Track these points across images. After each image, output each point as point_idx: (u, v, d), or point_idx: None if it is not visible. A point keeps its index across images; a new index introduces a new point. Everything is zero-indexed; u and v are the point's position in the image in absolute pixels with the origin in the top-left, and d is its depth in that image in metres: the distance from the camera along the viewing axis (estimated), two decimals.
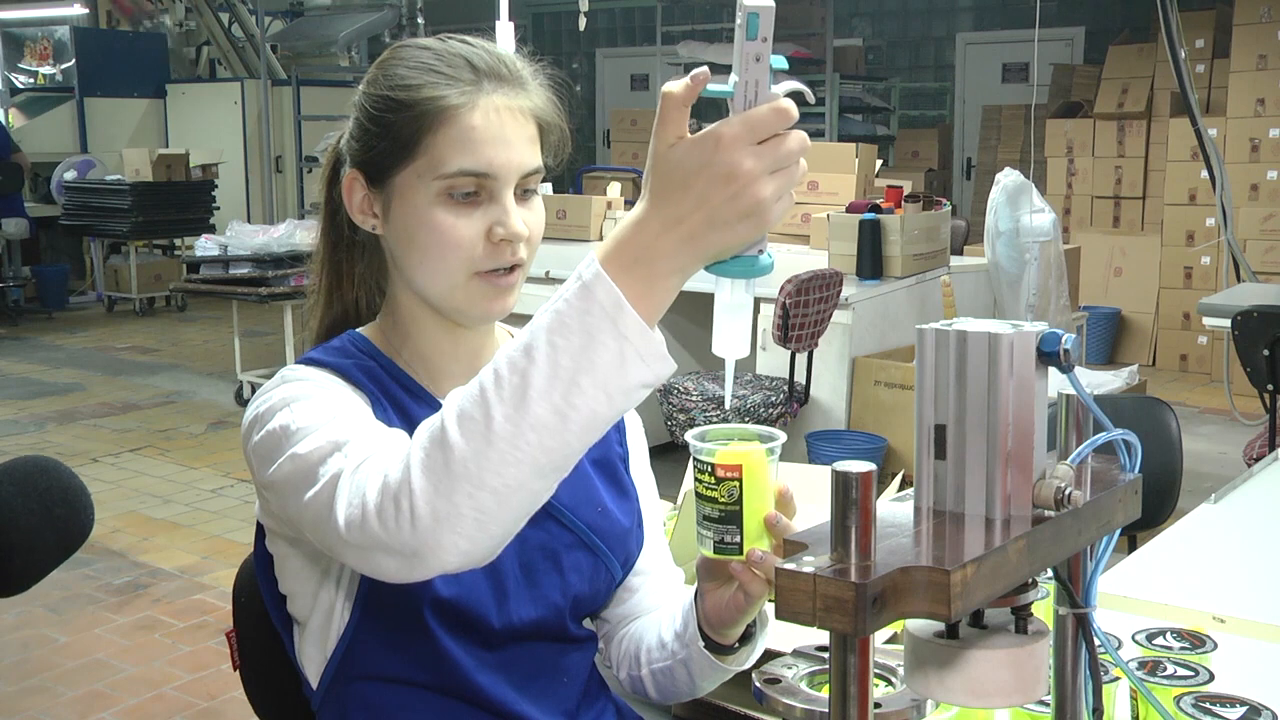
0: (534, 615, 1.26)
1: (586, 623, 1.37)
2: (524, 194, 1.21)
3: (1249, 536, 2.07)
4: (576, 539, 1.28)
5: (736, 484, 1.06)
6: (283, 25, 10.70)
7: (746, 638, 1.26)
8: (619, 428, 1.39)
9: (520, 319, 1.30)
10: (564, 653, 1.31)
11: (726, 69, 0.90)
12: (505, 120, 1.18)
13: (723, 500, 1.06)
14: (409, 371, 1.26)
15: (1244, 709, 1.19)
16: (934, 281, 5.32)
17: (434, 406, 1.24)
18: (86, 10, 11.81)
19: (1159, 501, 2.50)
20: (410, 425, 1.19)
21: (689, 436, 1.10)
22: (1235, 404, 5.84)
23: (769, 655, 1.29)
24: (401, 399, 1.24)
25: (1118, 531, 0.95)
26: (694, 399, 4.50)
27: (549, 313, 0.90)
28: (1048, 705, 0.99)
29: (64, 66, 10.94)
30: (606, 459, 1.36)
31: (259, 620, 1.43)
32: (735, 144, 0.86)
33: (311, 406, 1.13)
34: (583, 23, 6.45)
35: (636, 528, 1.36)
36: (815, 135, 9.37)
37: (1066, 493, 0.87)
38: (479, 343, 1.30)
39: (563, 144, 1.27)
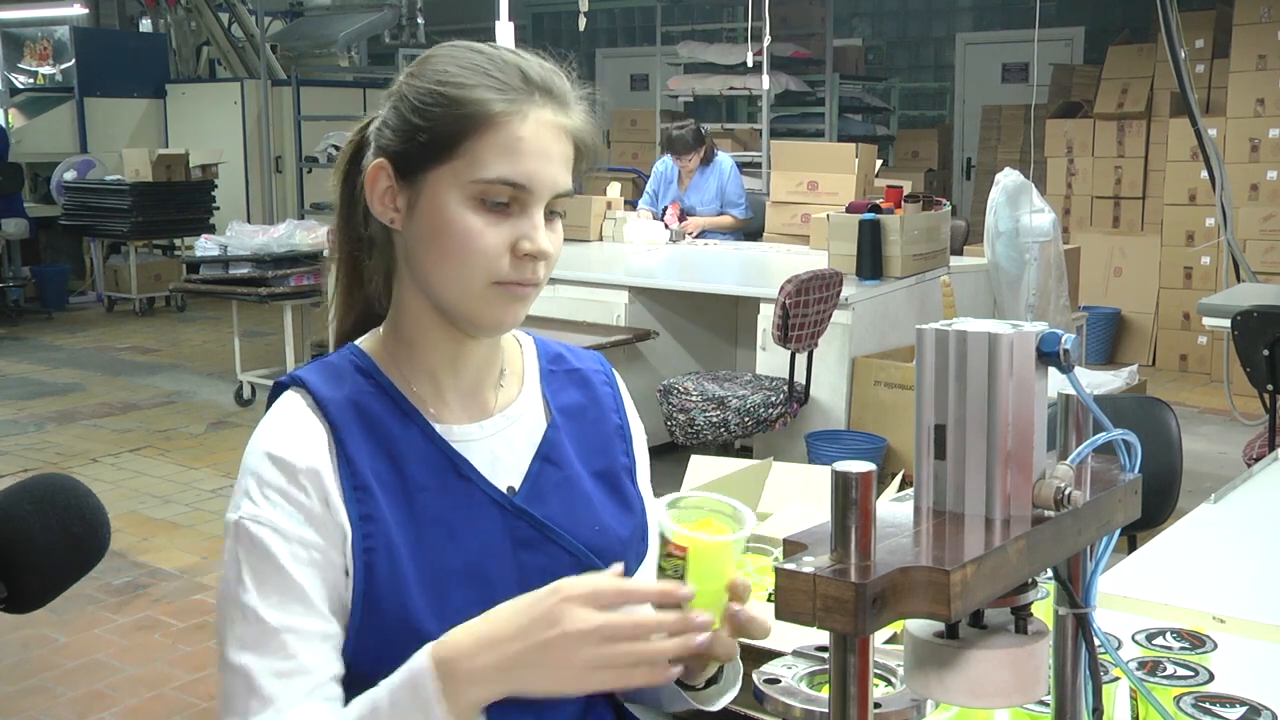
0: None
1: None
2: (550, 214, 1.20)
3: (1249, 537, 2.07)
4: (576, 560, 1.27)
5: (681, 564, 1.06)
6: (283, 25, 10.70)
7: (715, 680, 1.25)
8: (625, 437, 1.37)
9: (535, 320, 1.29)
10: None
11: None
12: (550, 137, 1.17)
13: (669, 573, 1.07)
14: (405, 391, 1.23)
15: (1244, 709, 1.19)
16: (934, 281, 5.32)
17: (424, 430, 1.22)
18: (86, 10, 11.81)
19: (1159, 501, 2.50)
20: (389, 455, 1.20)
21: (662, 502, 1.11)
22: (1235, 404, 5.84)
23: (769, 655, 1.29)
24: (387, 426, 1.21)
25: (1117, 531, 0.95)
26: (694, 399, 4.50)
27: (373, 699, 1.07)
28: (1047, 705, 0.99)
29: (64, 66, 10.94)
30: (610, 470, 1.34)
31: None
32: (572, 599, 1.00)
33: (259, 595, 1.14)
34: (582, 23, 6.45)
35: (638, 540, 1.34)
36: (815, 135, 9.38)
37: (1066, 493, 0.87)
38: (482, 355, 1.27)
39: (593, 165, 1.26)
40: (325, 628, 1.15)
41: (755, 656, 1.46)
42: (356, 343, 1.27)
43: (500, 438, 1.27)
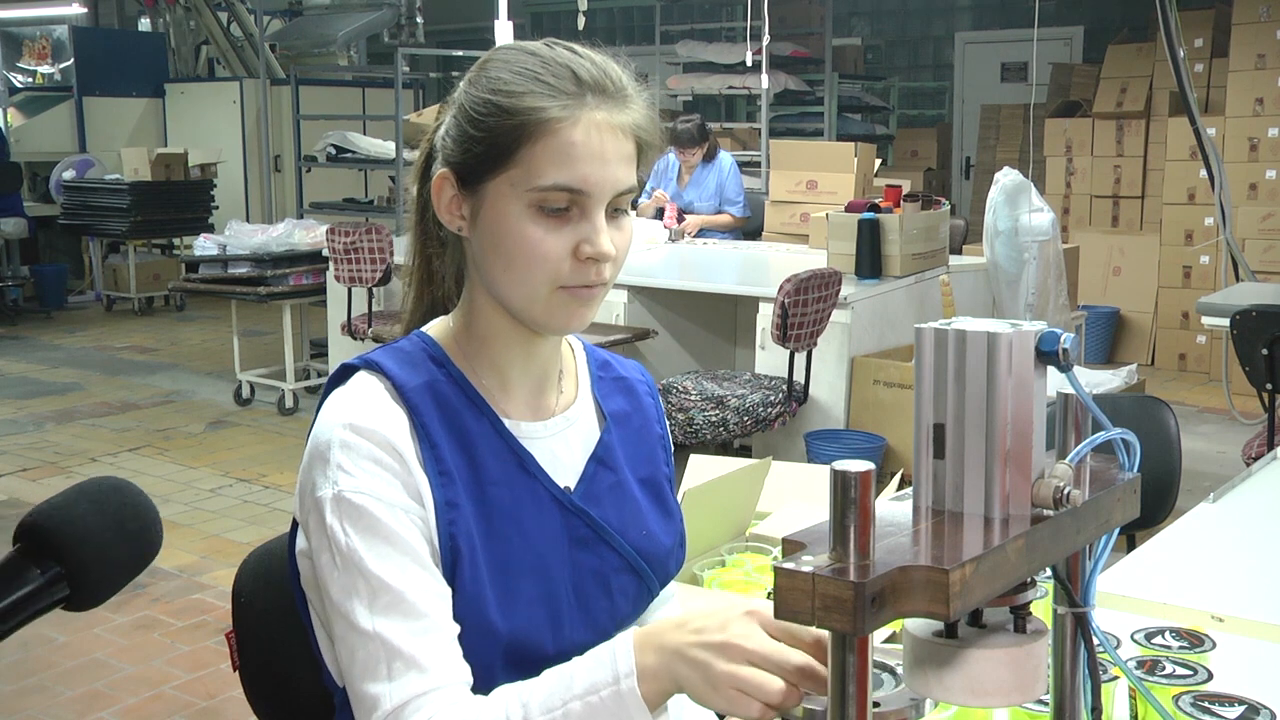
0: (584, 639, 1.26)
1: None
2: (614, 213, 1.20)
3: (1247, 536, 2.07)
4: (625, 563, 1.29)
5: None
6: (281, 25, 10.69)
7: None
8: (665, 448, 1.39)
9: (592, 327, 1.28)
10: None
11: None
12: (605, 137, 1.17)
13: None
14: (476, 384, 1.24)
15: (1242, 708, 1.19)
16: (933, 281, 5.32)
17: (494, 425, 1.23)
18: (85, 9, 11.80)
19: (1157, 501, 2.50)
20: (464, 445, 1.21)
21: None
22: (1234, 403, 5.84)
23: None
24: (462, 417, 1.22)
25: (1116, 531, 0.95)
26: (693, 398, 4.50)
27: (584, 701, 1.06)
28: (1047, 704, 0.99)
29: (62, 66, 10.93)
30: (653, 479, 1.35)
31: (258, 620, 1.43)
32: (752, 614, 1.03)
33: (376, 560, 1.14)
34: (581, 22, 6.44)
35: (678, 547, 1.36)
36: (814, 134, 9.37)
37: (1065, 492, 0.87)
38: (549, 354, 1.28)
39: (656, 159, 1.26)
40: (441, 588, 1.16)
41: None
42: (425, 330, 1.29)
43: (560, 438, 1.28)
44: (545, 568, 1.23)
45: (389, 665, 1.12)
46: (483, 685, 1.20)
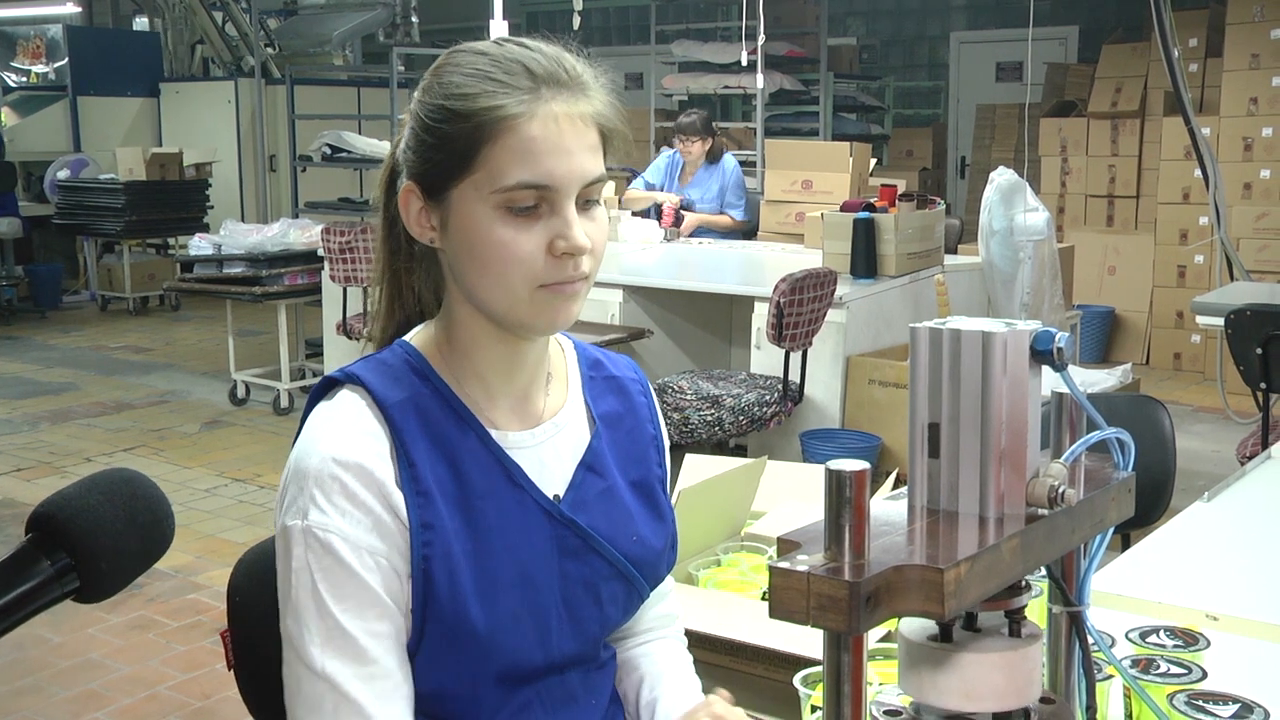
0: (573, 649, 1.26)
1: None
2: (585, 204, 1.17)
3: (1242, 535, 2.07)
4: (615, 570, 1.27)
5: None
6: (277, 24, 10.67)
7: None
8: (658, 448, 1.37)
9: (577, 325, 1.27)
10: (593, 676, 1.31)
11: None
12: (565, 129, 1.15)
13: None
14: (460, 395, 1.22)
15: (1237, 706, 1.19)
16: (928, 280, 5.32)
17: (480, 437, 1.22)
18: (79, 9, 11.78)
19: (1152, 500, 2.50)
20: (449, 460, 1.19)
21: None
22: (1228, 402, 5.84)
23: (803, 663, 1.29)
24: (446, 431, 1.20)
25: (1111, 530, 0.96)
26: (688, 398, 4.50)
27: None
28: None
29: (57, 65, 10.91)
30: (645, 481, 1.34)
31: (253, 620, 1.43)
32: None
33: (336, 600, 1.14)
34: (576, 21, 6.43)
35: (669, 549, 1.35)
36: (809, 134, 9.38)
37: (1060, 491, 0.87)
38: (534, 360, 1.27)
39: (626, 148, 1.24)
40: (396, 630, 1.16)
41: (789, 663, 1.46)
42: (407, 339, 1.26)
43: (548, 445, 1.27)
44: (532, 580, 1.21)
45: (335, 708, 1.13)
46: (471, 701, 1.20)
